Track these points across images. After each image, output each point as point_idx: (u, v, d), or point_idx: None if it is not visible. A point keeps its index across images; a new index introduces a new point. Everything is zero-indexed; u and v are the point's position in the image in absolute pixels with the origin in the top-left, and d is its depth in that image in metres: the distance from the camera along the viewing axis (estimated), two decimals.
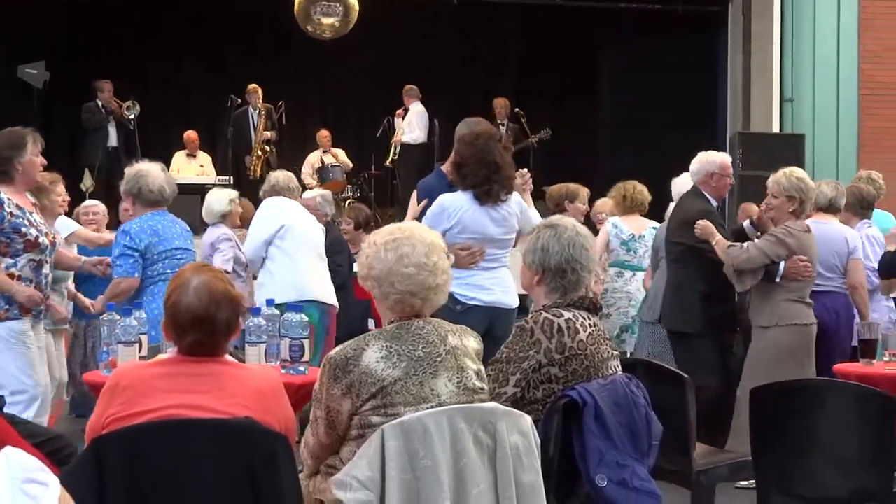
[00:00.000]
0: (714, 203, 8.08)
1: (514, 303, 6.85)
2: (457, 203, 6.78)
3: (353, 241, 10.45)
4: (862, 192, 8.50)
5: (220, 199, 9.32)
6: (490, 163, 6.74)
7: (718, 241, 7.59)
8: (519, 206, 6.92)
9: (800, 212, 7.56)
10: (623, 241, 9.46)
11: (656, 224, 9.59)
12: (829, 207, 8.06)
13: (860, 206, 8.45)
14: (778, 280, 7.40)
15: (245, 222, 10.17)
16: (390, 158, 17.04)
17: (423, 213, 6.93)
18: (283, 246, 8.50)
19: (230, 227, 9.28)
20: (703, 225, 7.69)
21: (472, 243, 6.72)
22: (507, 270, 6.88)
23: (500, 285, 6.82)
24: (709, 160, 8.07)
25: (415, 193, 7.27)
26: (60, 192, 8.22)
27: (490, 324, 6.48)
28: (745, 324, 8.03)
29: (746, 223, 8.38)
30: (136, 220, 6.96)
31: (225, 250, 8.80)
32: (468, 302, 6.65)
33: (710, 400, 7.70)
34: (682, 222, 7.97)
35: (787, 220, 7.52)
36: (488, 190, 6.75)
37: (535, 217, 6.91)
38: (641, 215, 9.82)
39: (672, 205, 8.85)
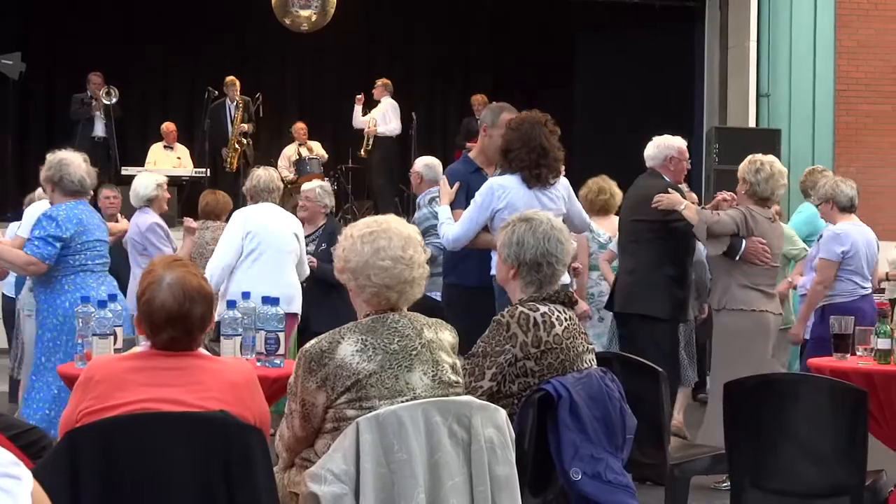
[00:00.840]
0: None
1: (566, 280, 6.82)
2: (507, 185, 6.84)
3: None
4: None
5: (147, 183, 9.42)
6: (536, 147, 6.84)
7: (687, 206, 7.59)
8: (566, 189, 7.03)
9: (752, 194, 7.58)
10: (601, 245, 9.39)
11: None
12: (851, 207, 8.05)
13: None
14: (738, 258, 7.40)
15: (220, 215, 10.19)
16: (363, 149, 17.01)
17: (457, 196, 7.10)
18: (246, 256, 8.43)
19: (157, 211, 9.44)
20: (666, 198, 7.69)
21: None
22: None
23: None
24: (667, 144, 8.07)
25: (445, 179, 7.38)
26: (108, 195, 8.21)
27: None
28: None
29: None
30: (62, 207, 6.89)
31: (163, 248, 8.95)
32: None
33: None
34: (644, 199, 7.89)
35: (747, 203, 7.59)
36: (538, 174, 6.83)
37: (583, 210, 7.17)
38: (614, 214, 9.80)
39: None
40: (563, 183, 7.01)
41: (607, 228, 9.51)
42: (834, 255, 7.86)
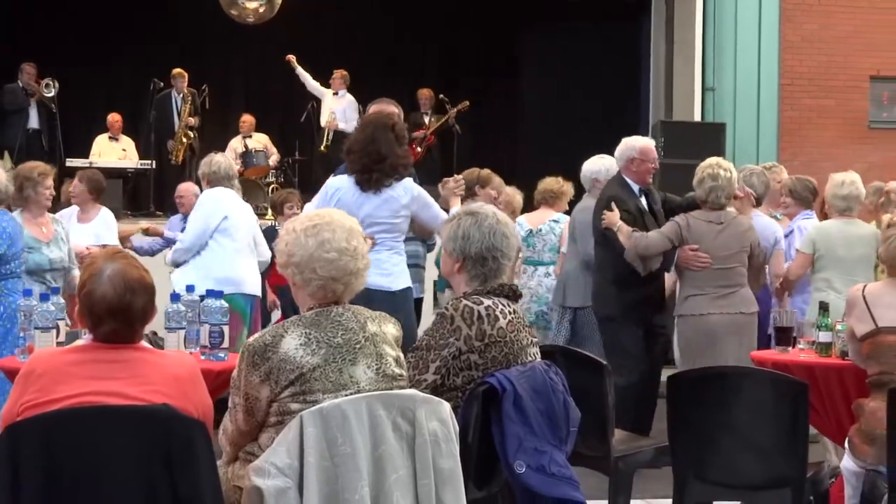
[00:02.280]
0: (635, 188, 8.10)
1: (394, 286, 6.77)
2: (340, 185, 6.85)
3: None
4: (803, 183, 8.59)
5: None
6: (372, 152, 6.77)
7: (620, 228, 7.66)
8: (409, 191, 6.86)
9: (702, 200, 7.64)
10: (523, 238, 9.48)
11: (558, 216, 9.66)
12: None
13: (799, 199, 8.54)
14: (671, 269, 7.50)
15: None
16: (324, 144, 16.94)
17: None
18: (221, 239, 8.46)
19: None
20: (608, 215, 7.77)
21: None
22: (392, 254, 6.86)
23: (378, 267, 6.78)
24: (629, 145, 8.13)
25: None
26: (49, 186, 8.17)
27: (366, 305, 6.27)
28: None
29: None
30: None
31: None
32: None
33: (633, 384, 7.78)
34: (598, 207, 8.07)
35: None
36: (368, 178, 6.78)
37: (439, 213, 6.91)
38: (552, 208, 9.84)
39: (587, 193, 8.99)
40: (405, 185, 6.87)
41: (530, 220, 9.82)
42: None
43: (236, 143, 17.06)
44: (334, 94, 16.94)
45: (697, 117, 15.61)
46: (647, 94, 16.79)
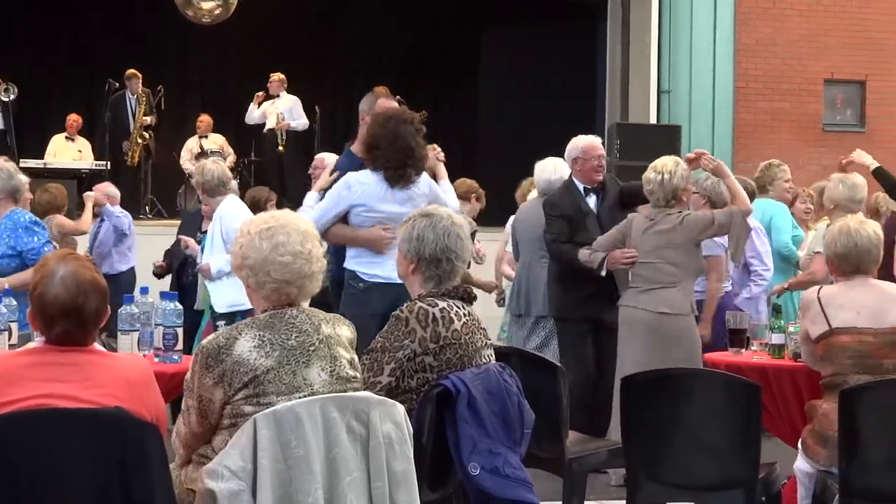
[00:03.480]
0: (581, 188, 8.05)
1: None
2: (365, 181, 6.81)
3: None
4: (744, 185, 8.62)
5: None
6: (404, 148, 6.77)
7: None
8: (428, 185, 6.95)
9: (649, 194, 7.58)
10: None
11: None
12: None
13: None
14: (603, 273, 7.49)
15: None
16: (281, 144, 16.91)
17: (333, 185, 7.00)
18: None
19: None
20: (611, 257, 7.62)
21: (379, 225, 6.73)
22: None
23: None
24: (573, 146, 8.12)
25: (329, 168, 7.39)
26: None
27: (395, 301, 6.20)
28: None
29: None
30: None
31: None
32: (369, 280, 6.67)
33: (586, 386, 7.80)
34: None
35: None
36: (402, 174, 6.77)
37: (445, 194, 7.03)
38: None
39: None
40: (424, 180, 6.94)
41: None
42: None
43: (192, 144, 17.02)
44: (274, 96, 16.88)
45: (653, 119, 15.70)
46: (604, 96, 16.84)
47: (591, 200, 8.06)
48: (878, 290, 5.60)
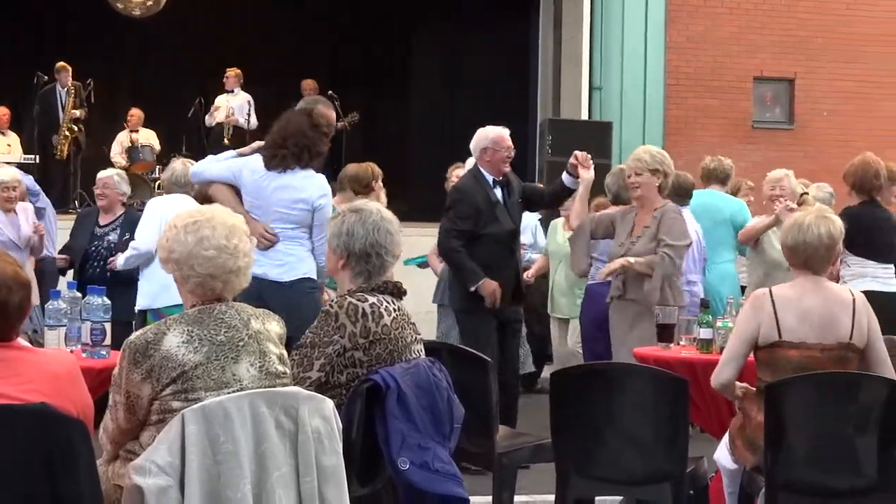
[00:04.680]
0: (489, 178, 7.97)
1: (286, 278, 6.82)
2: (252, 165, 6.88)
3: None
4: (679, 180, 8.68)
5: None
6: (281, 129, 6.84)
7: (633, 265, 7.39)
8: (321, 189, 6.91)
9: (665, 186, 7.53)
10: None
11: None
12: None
13: (676, 194, 8.63)
14: (473, 289, 7.65)
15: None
16: (226, 138, 16.80)
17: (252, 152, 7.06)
18: None
19: None
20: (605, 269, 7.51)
21: (256, 216, 6.78)
22: (292, 245, 6.88)
23: (274, 258, 6.81)
24: (482, 136, 8.03)
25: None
26: None
27: (259, 296, 6.00)
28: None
29: (564, 175, 8.15)
30: None
31: None
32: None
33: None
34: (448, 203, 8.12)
35: (654, 195, 7.47)
36: (275, 154, 6.80)
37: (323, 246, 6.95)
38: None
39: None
40: (319, 183, 6.94)
41: None
42: None
43: (123, 138, 16.90)
44: (229, 91, 16.82)
45: (585, 116, 15.75)
46: (536, 92, 16.89)
47: (498, 192, 7.98)
48: (828, 293, 5.37)
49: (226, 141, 16.64)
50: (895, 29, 16.64)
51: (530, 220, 10.11)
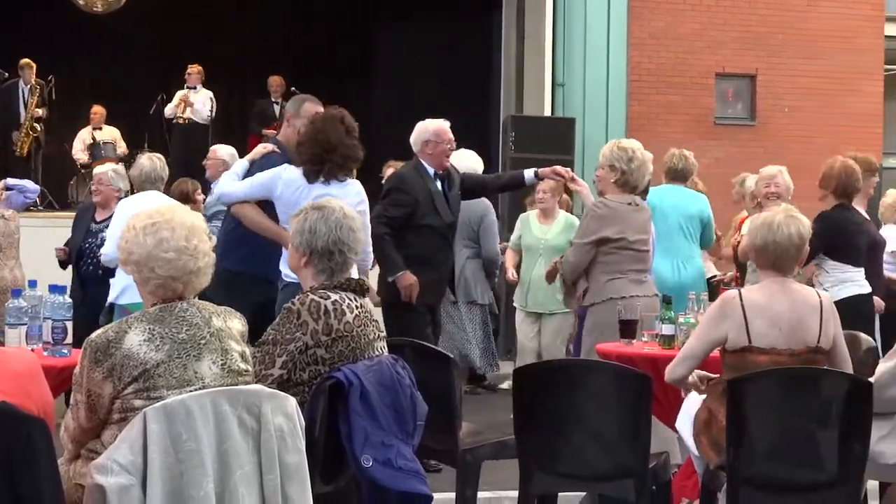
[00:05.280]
0: (430, 171, 7.93)
1: None
2: (290, 177, 6.80)
3: None
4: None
5: None
6: (323, 142, 6.73)
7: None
8: (359, 196, 6.82)
9: (623, 184, 7.20)
10: None
11: None
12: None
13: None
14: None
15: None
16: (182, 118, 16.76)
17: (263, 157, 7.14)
18: None
19: None
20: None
21: None
22: None
23: None
24: (423, 128, 7.99)
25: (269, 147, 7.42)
26: None
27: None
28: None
29: (529, 172, 8.14)
30: None
31: None
32: (286, 279, 6.64)
33: None
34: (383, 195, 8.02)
35: (612, 191, 7.25)
36: (319, 169, 6.72)
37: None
38: None
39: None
40: (354, 189, 6.85)
41: None
42: None
43: (85, 135, 16.84)
44: (191, 88, 16.75)
45: (548, 112, 15.75)
46: (499, 88, 16.89)
47: (438, 185, 7.95)
48: (796, 296, 5.34)
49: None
50: (854, 25, 16.71)
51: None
